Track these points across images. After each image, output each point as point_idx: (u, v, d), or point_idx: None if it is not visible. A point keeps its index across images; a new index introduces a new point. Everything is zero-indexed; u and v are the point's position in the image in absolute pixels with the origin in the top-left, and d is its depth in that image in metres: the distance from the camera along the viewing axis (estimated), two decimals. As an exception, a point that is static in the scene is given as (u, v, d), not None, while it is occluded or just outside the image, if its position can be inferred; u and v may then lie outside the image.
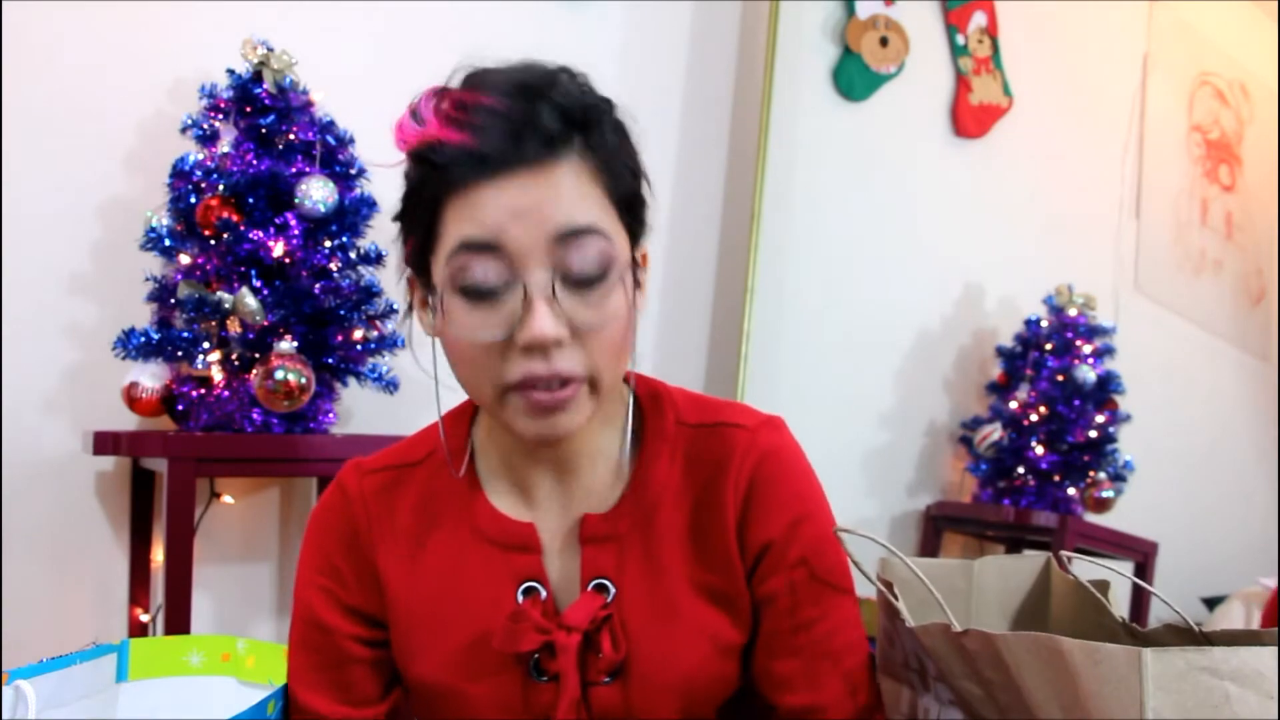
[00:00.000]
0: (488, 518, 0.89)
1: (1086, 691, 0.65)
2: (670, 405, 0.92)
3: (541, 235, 0.75)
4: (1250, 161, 3.50)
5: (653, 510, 0.88)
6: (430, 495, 0.91)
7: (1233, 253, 3.46)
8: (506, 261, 0.75)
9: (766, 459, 0.89)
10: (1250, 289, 3.53)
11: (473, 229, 0.76)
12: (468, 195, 0.76)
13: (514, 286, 0.76)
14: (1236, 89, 3.49)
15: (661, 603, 0.86)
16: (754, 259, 2.34)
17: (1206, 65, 3.39)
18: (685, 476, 0.89)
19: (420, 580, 0.89)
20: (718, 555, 0.88)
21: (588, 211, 0.77)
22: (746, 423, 0.90)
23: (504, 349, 0.77)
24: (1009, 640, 0.69)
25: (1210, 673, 0.63)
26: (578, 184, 0.77)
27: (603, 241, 0.77)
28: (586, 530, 0.88)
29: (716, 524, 0.88)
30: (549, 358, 0.76)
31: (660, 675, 0.86)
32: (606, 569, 0.87)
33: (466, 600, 0.88)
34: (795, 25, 2.47)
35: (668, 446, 0.90)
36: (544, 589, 0.87)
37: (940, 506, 2.66)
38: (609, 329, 0.79)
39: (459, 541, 0.89)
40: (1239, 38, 3.48)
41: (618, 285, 0.79)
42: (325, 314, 1.70)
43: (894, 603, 0.83)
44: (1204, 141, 3.38)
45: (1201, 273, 3.36)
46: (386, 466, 0.93)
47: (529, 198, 0.75)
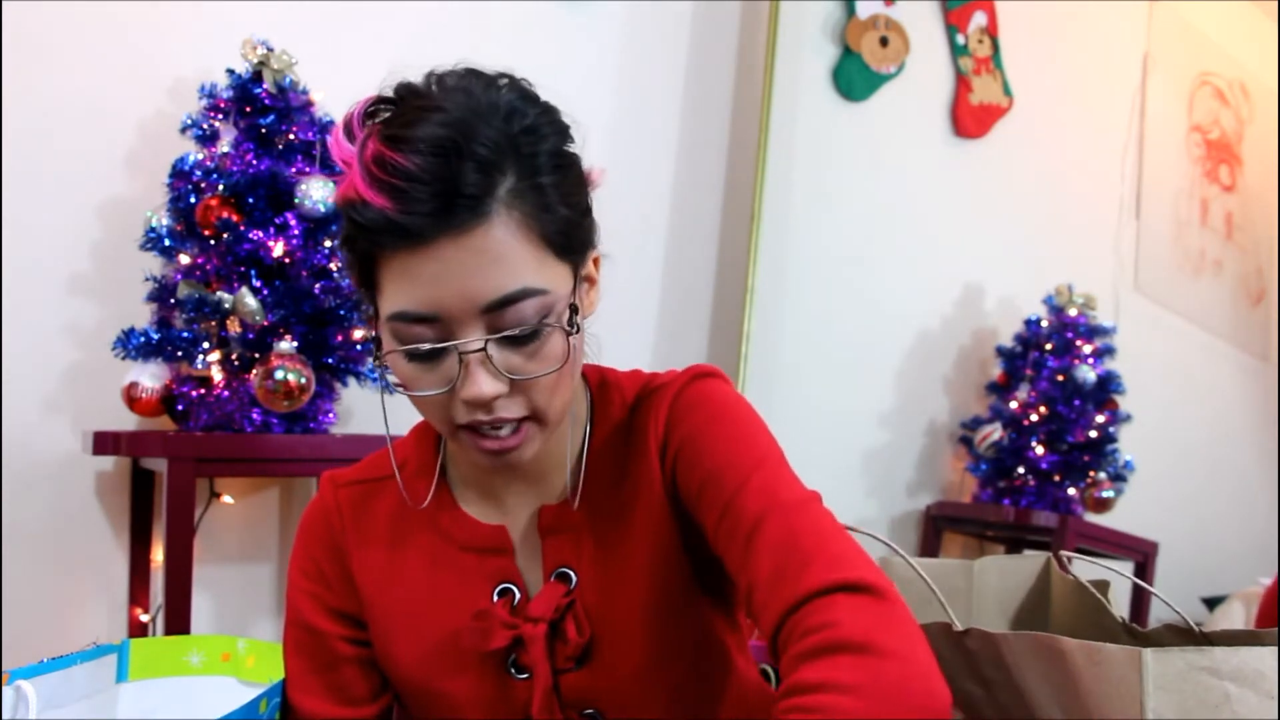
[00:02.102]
0: (459, 524, 0.91)
1: (1087, 691, 0.65)
2: (616, 389, 0.93)
3: (471, 305, 0.75)
4: (1250, 161, 3.50)
5: (603, 492, 0.89)
6: (403, 507, 0.93)
7: (1233, 253, 3.46)
8: (442, 329, 0.76)
9: (681, 399, 0.88)
10: (1250, 289, 3.53)
11: (405, 301, 0.75)
12: (398, 261, 0.75)
13: (451, 348, 0.76)
14: (1236, 89, 3.49)
15: (619, 581, 0.87)
16: (754, 259, 2.34)
17: (1206, 65, 3.39)
18: (631, 453, 0.89)
19: (396, 588, 0.91)
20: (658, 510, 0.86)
21: (517, 274, 0.75)
22: (667, 379, 0.90)
23: (448, 398, 0.78)
24: (1010, 640, 0.69)
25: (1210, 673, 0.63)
26: (507, 244, 0.75)
27: (536, 302, 0.76)
28: (544, 522, 0.90)
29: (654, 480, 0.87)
30: (490, 408, 0.78)
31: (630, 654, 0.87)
32: (566, 557, 0.88)
33: (443, 606, 0.89)
34: (795, 25, 2.48)
35: (615, 429, 0.91)
36: (518, 589, 0.89)
37: (940, 506, 2.66)
38: (548, 375, 0.78)
39: (433, 549, 0.91)
40: (1239, 38, 3.48)
41: (557, 334, 0.78)
42: (325, 314, 1.70)
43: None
44: (1204, 141, 3.38)
45: (1201, 273, 3.36)
46: (358, 480, 0.96)
47: (457, 269, 0.74)
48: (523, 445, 0.81)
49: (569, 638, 0.86)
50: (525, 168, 0.76)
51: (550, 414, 0.81)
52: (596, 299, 0.88)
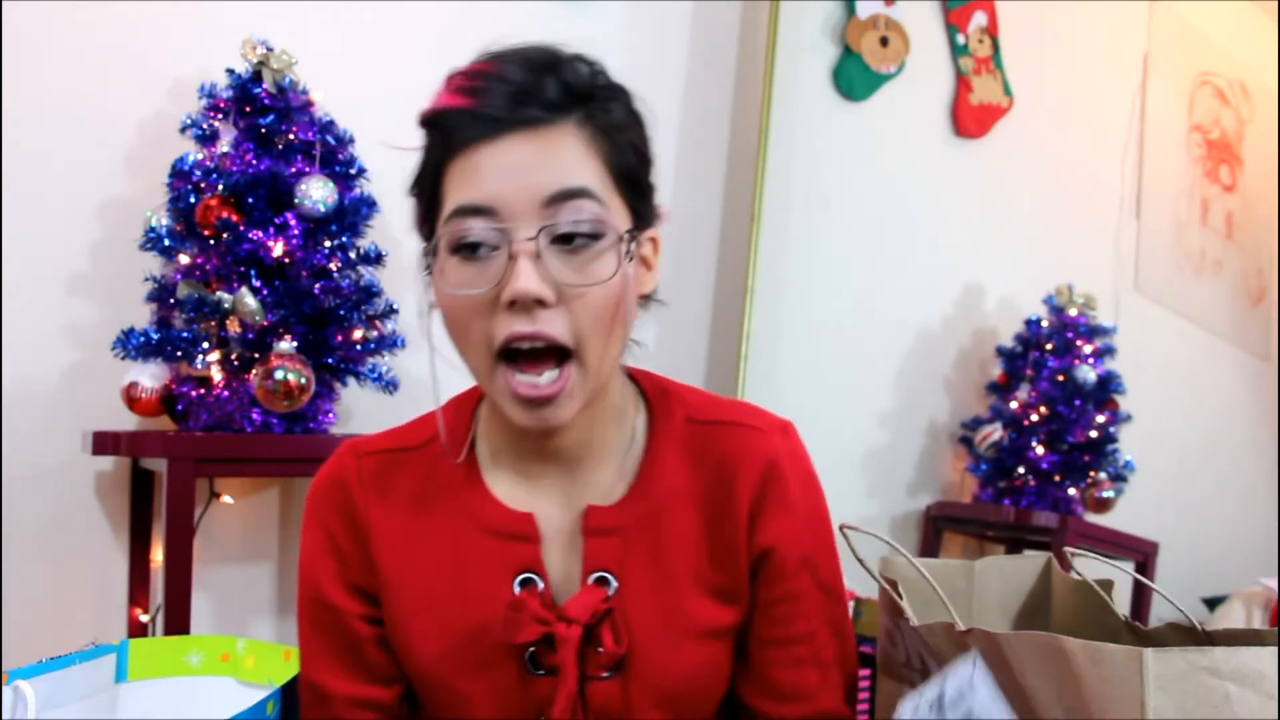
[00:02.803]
0: (486, 506, 0.88)
1: (1088, 691, 0.64)
2: (679, 402, 0.92)
3: (532, 196, 0.76)
4: (1250, 161, 3.50)
5: (660, 506, 0.87)
6: (428, 481, 0.89)
7: (1233, 253, 3.46)
8: (498, 222, 0.76)
9: (778, 463, 0.89)
10: (1250, 289, 3.53)
11: (468, 193, 0.77)
12: (466, 158, 0.78)
13: (504, 246, 0.76)
14: (1236, 89, 3.49)
15: (665, 599, 0.86)
16: (754, 259, 2.34)
17: (1206, 65, 3.39)
18: (694, 474, 0.88)
19: (415, 567, 0.88)
20: (726, 555, 0.87)
21: (581, 176, 0.78)
22: (759, 424, 0.90)
23: (491, 308, 0.77)
24: (1012, 639, 0.69)
25: (1211, 673, 0.63)
26: (575, 149, 0.78)
27: (594, 206, 0.77)
28: (590, 522, 0.87)
29: (727, 524, 0.87)
30: (533, 318, 0.76)
31: (661, 672, 0.85)
32: (608, 562, 0.86)
33: (462, 589, 0.86)
34: (795, 25, 2.47)
35: (676, 444, 0.89)
36: (541, 580, 0.86)
37: (940, 506, 2.66)
38: (596, 294, 0.77)
39: (456, 529, 0.88)
40: (1239, 38, 3.48)
41: (610, 253, 0.78)
42: (325, 314, 1.70)
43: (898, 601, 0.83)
44: (1204, 141, 3.38)
45: (1201, 273, 3.36)
46: (384, 449, 0.92)
47: (522, 159, 0.76)
48: (561, 397, 0.78)
49: (605, 645, 0.83)
50: (603, 104, 0.81)
51: (589, 349, 0.78)
52: (650, 283, 0.88)
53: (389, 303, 1.78)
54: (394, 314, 1.80)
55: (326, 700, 0.90)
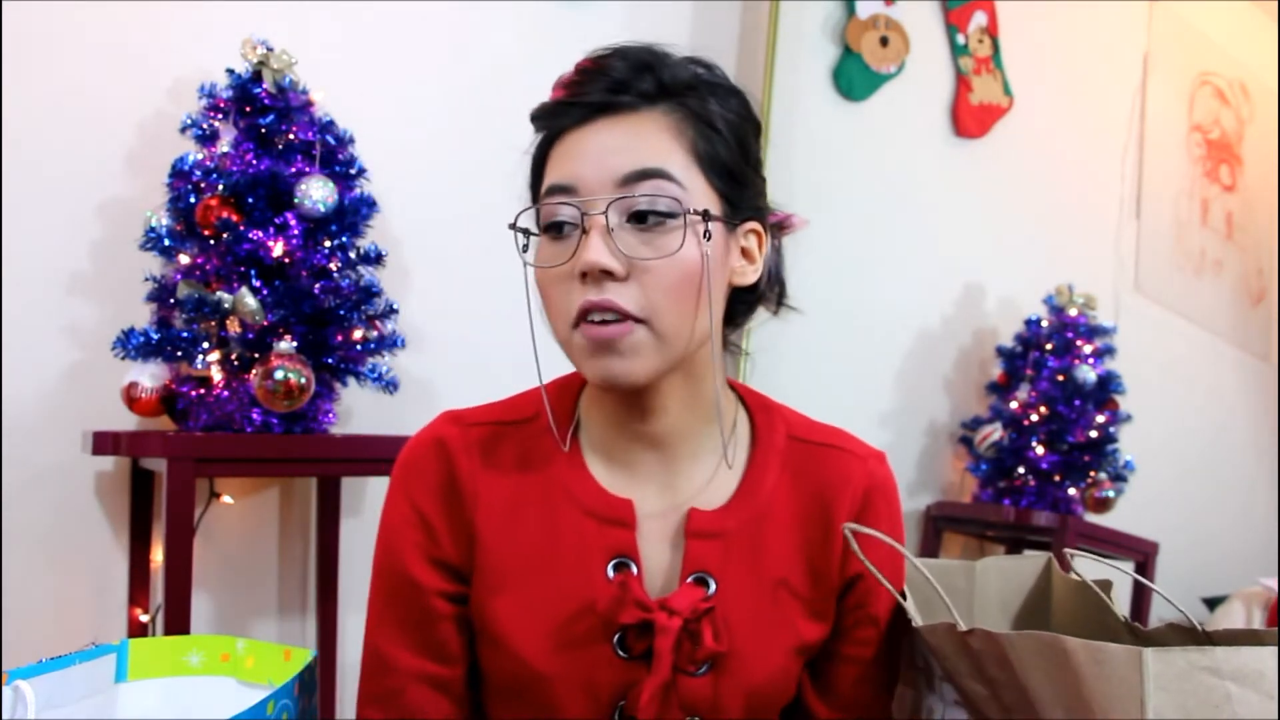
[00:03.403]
0: (586, 487, 0.90)
1: (1089, 690, 0.64)
2: (781, 419, 0.97)
3: (610, 175, 0.80)
4: (1250, 161, 3.50)
5: (762, 516, 0.90)
6: (530, 457, 0.91)
7: (1233, 253, 3.46)
8: (575, 201, 0.81)
9: (876, 490, 0.94)
10: (1250, 289, 3.53)
11: (556, 174, 0.83)
12: (562, 143, 0.84)
13: (582, 223, 0.81)
14: (1236, 89, 3.49)
15: (761, 606, 0.88)
16: (754, 259, 2.34)
17: (1206, 65, 3.39)
18: (792, 490, 0.92)
19: (513, 540, 0.89)
20: (820, 572, 0.91)
21: (659, 158, 0.81)
22: (859, 451, 0.96)
23: (570, 283, 0.81)
24: (1014, 639, 0.69)
25: (1211, 672, 0.63)
26: (658, 133, 0.82)
27: (669, 185, 0.81)
28: (694, 524, 0.89)
29: (824, 545, 0.91)
30: (602, 288, 0.80)
31: (751, 675, 0.87)
32: (710, 564, 0.88)
33: (557, 567, 0.88)
34: (795, 25, 2.47)
35: (778, 457, 0.93)
36: (635, 567, 0.87)
37: (940, 506, 2.66)
38: (664, 268, 0.80)
39: (554, 507, 0.89)
40: (1239, 38, 3.48)
41: (684, 232, 0.81)
42: (325, 314, 1.70)
43: (901, 601, 0.83)
44: (1204, 141, 3.38)
45: (1201, 273, 3.36)
46: (490, 422, 0.93)
47: (607, 142, 0.81)
48: (628, 348, 0.81)
49: (705, 642, 0.84)
50: (697, 98, 0.85)
51: (662, 323, 0.81)
52: (750, 275, 0.90)
53: (389, 303, 1.78)
54: (394, 314, 1.80)
55: (392, 671, 0.90)
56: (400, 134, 2.00)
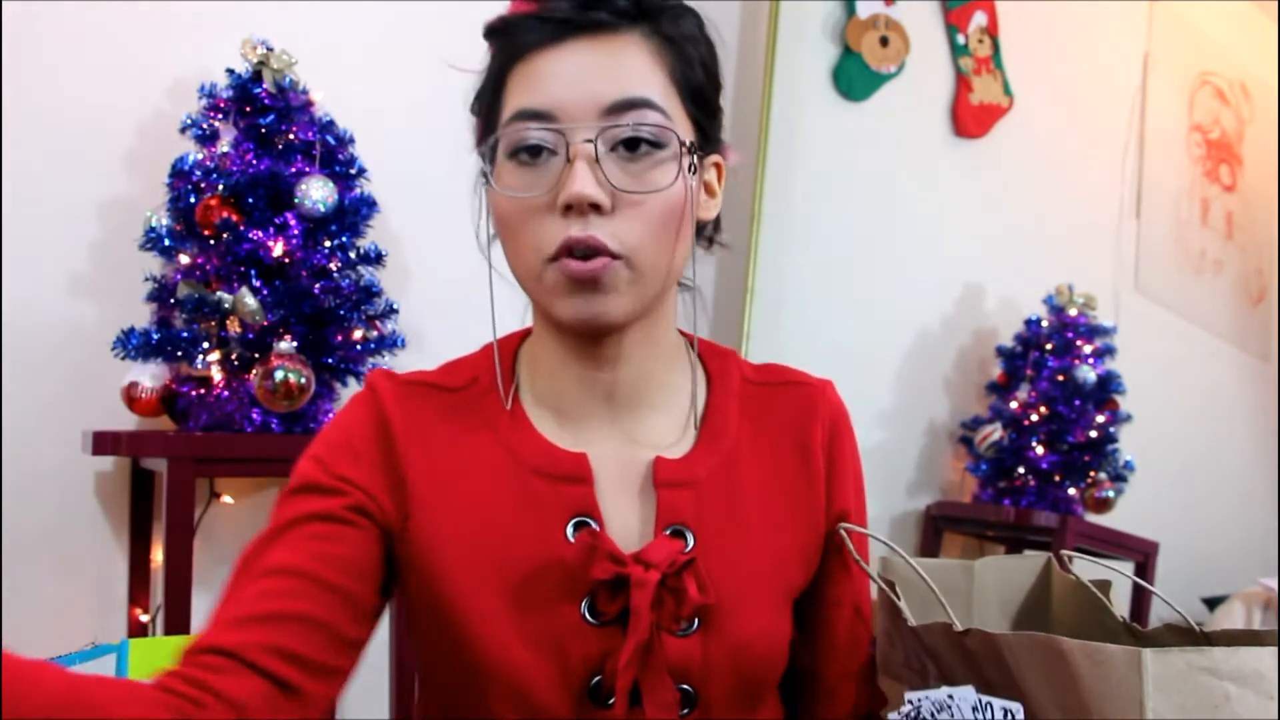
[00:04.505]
0: (533, 445, 0.83)
1: (1087, 691, 0.65)
2: (734, 363, 0.94)
3: (593, 102, 0.75)
4: (1250, 161, 3.50)
5: (730, 461, 0.86)
6: (468, 421, 0.84)
7: (1233, 253, 3.46)
8: (557, 127, 0.76)
9: (840, 417, 0.91)
10: (1250, 289, 3.53)
11: (528, 97, 0.77)
12: (529, 63, 0.78)
13: (561, 150, 0.76)
14: (1236, 89, 3.49)
15: (745, 556, 0.83)
16: (754, 259, 2.34)
17: (1206, 65, 3.39)
18: (758, 433, 0.88)
19: (453, 510, 0.81)
20: (806, 511, 0.87)
21: (645, 86, 0.77)
22: (813, 381, 0.93)
23: (546, 215, 0.76)
24: (1010, 640, 0.69)
25: (1210, 673, 0.63)
26: (639, 59, 0.78)
27: (656, 115, 0.77)
28: (663, 474, 0.83)
29: (805, 478, 0.88)
30: (586, 222, 0.75)
31: (742, 630, 0.81)
32: (684, 514, 0.82)
33: (508, 535, 0.80)
34: (795, 25, 2.47)
35: (736, 401, 0.89)
36: (597, 524, 0.80)
37: (940, 506, 2.66)
38: (654, 202, 0.77)
39: (499, 470, 0.82)
40: (1239, 38, 3.48)
41: (670, 164, 0.77)
42: (325, 314, 1.70)
43: (896, 602, 0.83)
44: (1204, 141, 3.38)
45: (1201, 273, 3.36)
46: (422, 382, 0.86)
47: (586, 65, 0.76)
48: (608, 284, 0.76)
49: (687, 596, 0.77)
50: (672, 20, 0.80)
51: (642, 258, 0.77)
52: (713, 209, 0.88)
53: (389, 303, 1.78)
54: (394, 314, 1.80)
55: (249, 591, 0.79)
56: (400, 134, 2.00)
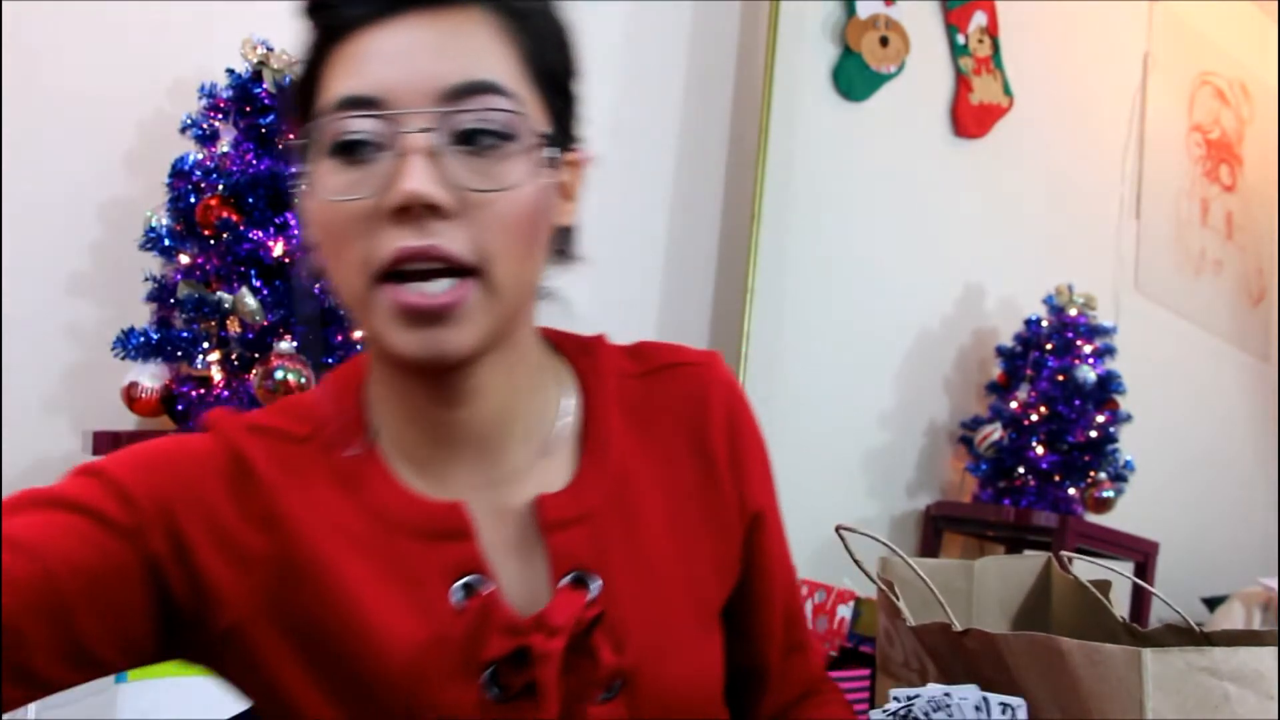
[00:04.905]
0: (399, 501, 0.70)
1: (1087, 691, 0.65)
2: (605, 357, 0.79)
3: (429, 86, 0.63)
4: (1250, 161, 3.50)
5: (622, 479, 0.74)
6: (318, 479, 0.70)
7: (1233, 253, 3.46)
8: (387, 118, 0.63)
9: (735, 398, 0.79)
10: (1250, 289, 3.53)
11: (351, 83, 0.64)
12: (350, 43, 0.65)
13: (393, 145, 0.63)
14: (1236, 89, 3.49)
15: (660, 590, 0.73)
16: (754, 259, 2.34)
17: (1206, 65, 3.39)
18: (645, 435, 0.77)
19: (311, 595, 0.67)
20: (719, 518, 0.77)
21: (490, 68, 0.65)
22: (695, 358, 0.80)
23: (374, 222, 0.63)
24: (1009, 640, 0.69)
25: (1209, 673, 0.63)
26: (482, 37, 0.66)
27: (506, 102, 0.65)
28: (548, 513, 0.71)
29: (708, 480, 0.77)
30: (426, 229, 0.62)
31: (671, 682, 0.71)
32: (583, 557, 0.71)
33: (384, 611, 0.67)
34: (795, 25, 2.47)
35: (615, 405, 0.77)
36: (487, 584, 0.69)
37: (940, 506, 2.66)
38: (505, 205, 0.64)
39: (362, 536, 0.69)
40: (1239, 38, 3.48)
41: (524, 160, 0.65)
42: (325, 314, 1.70)
43: (895, 602, 0.83)
44: (1204, 141, 3.38)
45: (1201, 273, 3.36)
46: (274, 428, 0.72)
47: (420, 43, 0.64)
48: (458, 313, 0.63)
49: (601, 659, 0.67)
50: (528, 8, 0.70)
51: (497, 269, 0.64)
52: (569, 215, 0.75)
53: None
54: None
55: None
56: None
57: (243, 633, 0.68)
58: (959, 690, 0.64)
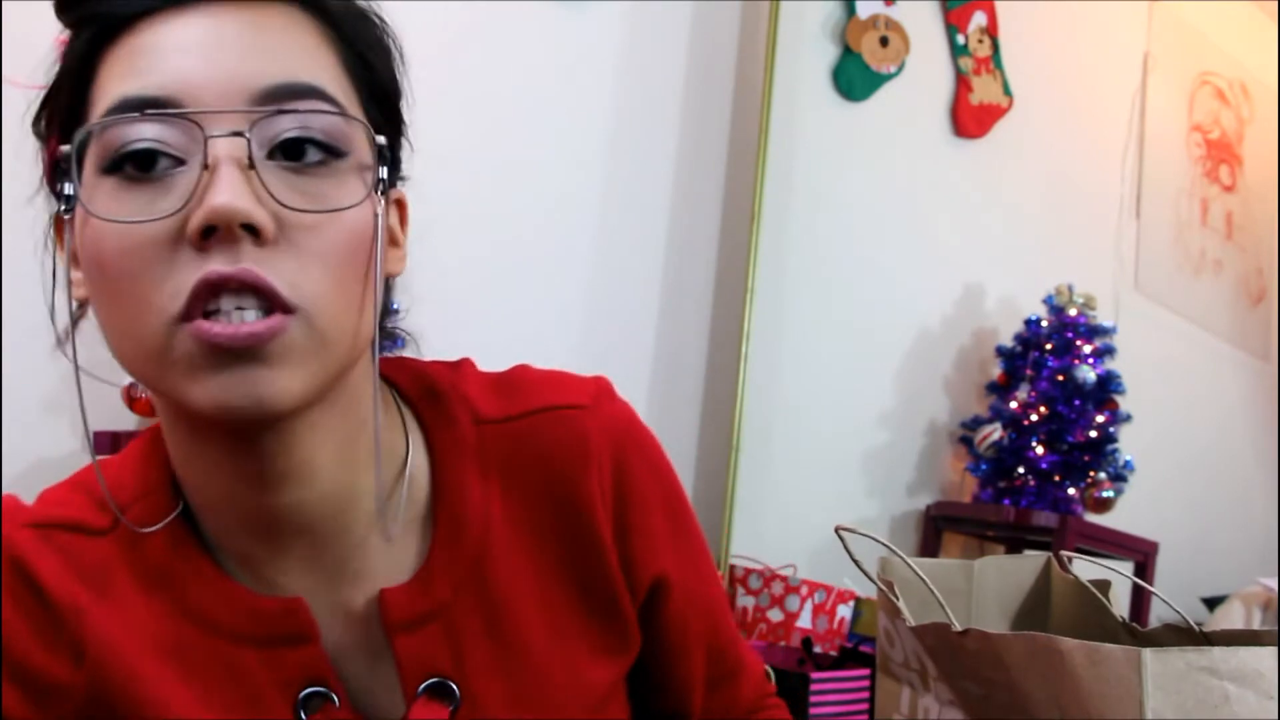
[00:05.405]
0: (226, 601, 0.59)
1: (1086, 691, 0.65)
2: (460, 402, 0.67)
3: (237, 85, 0.52)
4: (1250, 161, 3.50)
5: (480, 557, 0.63)
6: (126, 585, 0.60)
7: (1233, 253, 3.46)
8: (184, 125, 0.52)
9: (623, 444, 0.67)
10: (1250, 289, 3.53)
11: (135, 82, 0.53)
12: (132, 38, 0.54)
13: (193, 159, 0.52)
14: (1236, 89, 3.49)
15: (534, 691, 0.63)
16: (754, 259, 2.34)
17: (1206, 65, 3.39)
18: (509, 495, 0.65)
19: (133, 714, 0.58)
20: (594, 590, 0.66)
21: (311, 69, 0.55)
22: (575, 399, 0.67)
23: (173, 253, 0.52)
24: (1009, 640, 0.69)
25: (1209, 673, 0.63)
26: (299, 35, 0.56)
27: (328, 110, 0.55)
28: (393, 613, 0.60)
29: (584, 546, 0.65)
30: (237, 253, 0.51)
31: None
32: (439, 663, 0.61)
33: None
34: (795, 25, 2.48)
35: (472, 461, 0.64)
36: (336, 696, 0.60)
37: (940, 506, 2.66)
38: (334, 232, 0.53)
39: (186, 648, 0.59)
40: (1239, 38, 3.48)
41: (354, 182, 0.55)
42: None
43: (895, 602, 0.83)
44: (1204, 141, 3.38)
45: (1201, 273, 3.36)
46: (64, 523, 0.64)
47: (223, 36, 0.53)
48: (276, 348, 0.52)
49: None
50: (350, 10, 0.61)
51: (323, 313, 0.53)
52: (399, 264, 0.66)
53: (389, 303, 1.78)
54: (395, 313, 1.80)
55: None
56: (400, 134, 2.00)
57: None
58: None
